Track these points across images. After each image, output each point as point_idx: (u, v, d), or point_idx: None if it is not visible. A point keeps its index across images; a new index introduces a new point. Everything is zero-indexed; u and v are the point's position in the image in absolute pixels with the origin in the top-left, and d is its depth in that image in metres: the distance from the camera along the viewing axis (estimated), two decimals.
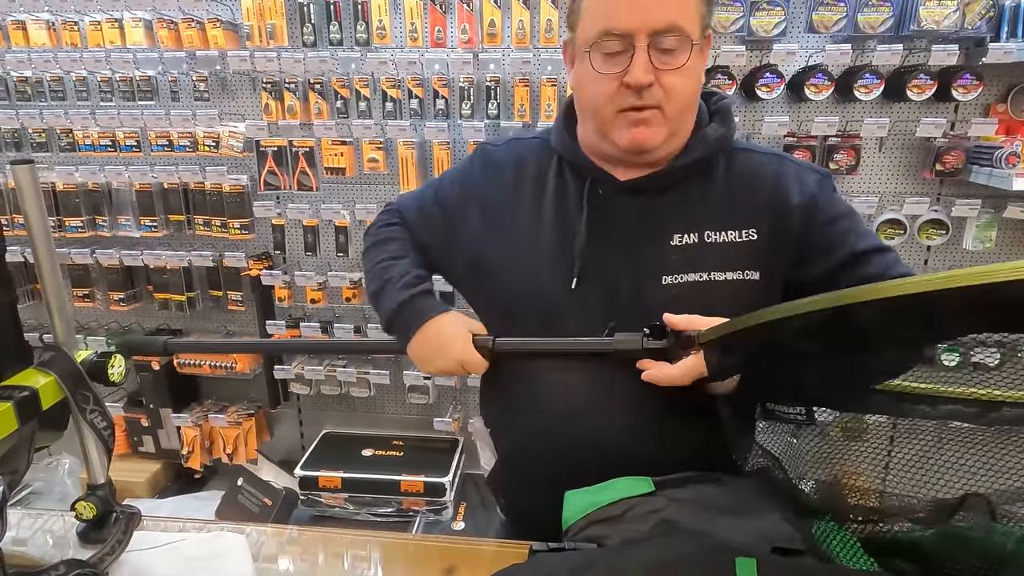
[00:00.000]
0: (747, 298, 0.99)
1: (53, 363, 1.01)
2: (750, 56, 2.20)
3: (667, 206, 1.04)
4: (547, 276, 1.06)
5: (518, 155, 1.16)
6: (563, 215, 1.08)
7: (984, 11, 2.08)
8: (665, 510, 0.91)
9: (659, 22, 0.93)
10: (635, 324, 1.01)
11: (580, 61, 1.01)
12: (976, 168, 2.22)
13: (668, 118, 0.99)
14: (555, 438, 1.08)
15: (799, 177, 1.05)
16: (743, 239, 1.02)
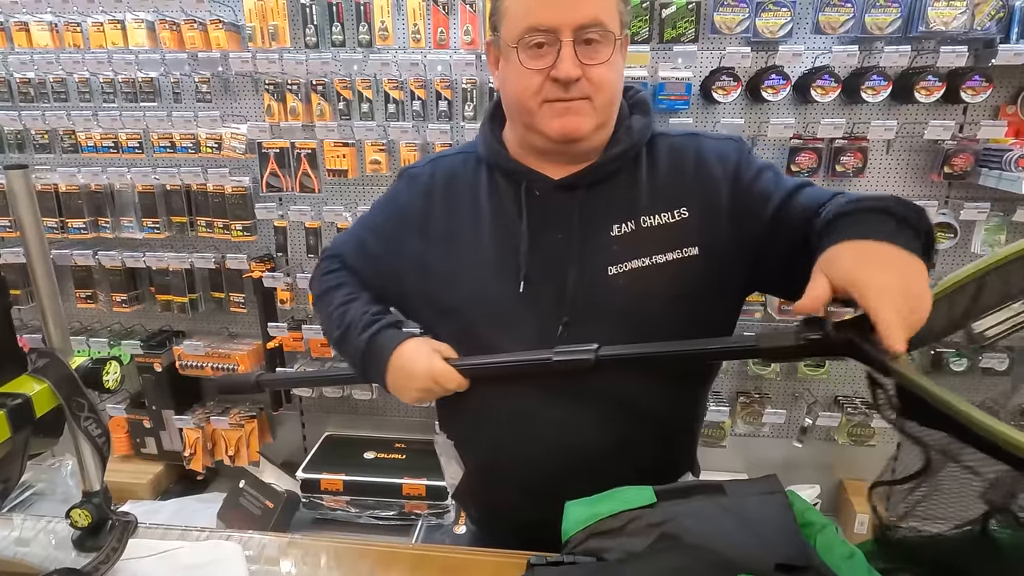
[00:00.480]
0: (689, 273, 1.04)
1: (47, 370, 1.00)
2: (755, 57, 2.18)
3: (602, 199, 1.06)
4: (494, 284, 1.07)
5: (446, 171, 1.16)
6: (502, 221, 1.09)
7: (994, 12, 2.05)
8: (667, 523, 0.90)
9: (583, 17, 0.95)
10: (587, 318, 1.04)
11: (505, 59, 1.02)
12: (985, 171, 2.19)
13: (597, 109, 1.01)
14: (524, 449, 1.10)
15: (717, 150, 1.08)
16: (676, 219, 1.05)
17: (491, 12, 1.05)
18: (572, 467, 1.07)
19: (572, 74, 0.96)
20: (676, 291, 1.04)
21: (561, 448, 1.08)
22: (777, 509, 0.94)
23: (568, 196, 1.06)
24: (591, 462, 1.07)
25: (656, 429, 1.10)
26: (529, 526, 1.13)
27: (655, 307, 1.04)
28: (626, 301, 1.04)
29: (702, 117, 2.35)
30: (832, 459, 2.69)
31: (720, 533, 0.87)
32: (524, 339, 1.06)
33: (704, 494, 0.96)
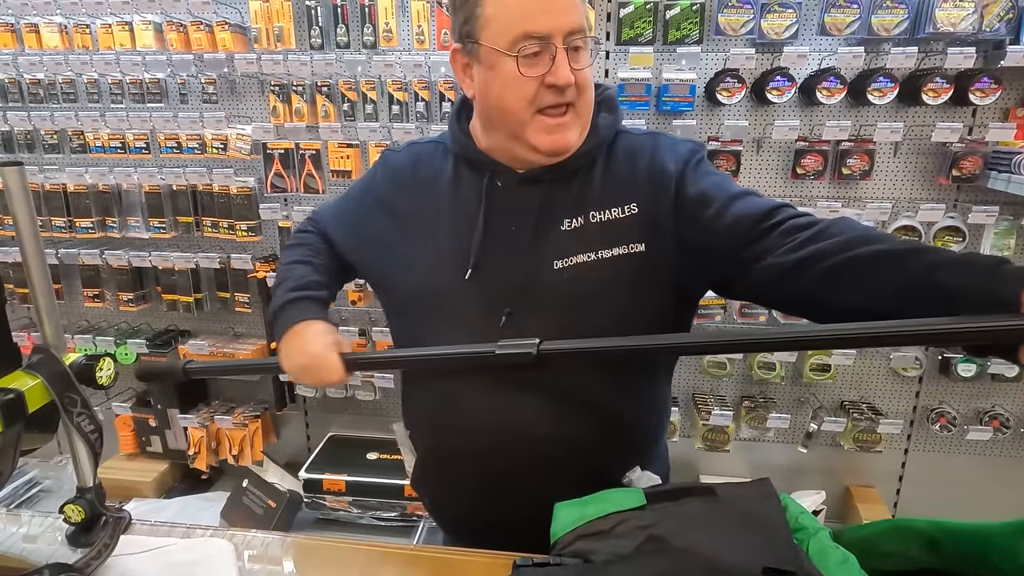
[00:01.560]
0: (634, 269, 1.05)
1: (41, 366, 1.01)
2: (760, 59, 2.16)
3: (558, 194, 1.08)
4: (444, 271, 1.10)
5: (416, 157, 1.20)
6: (461, 210, 1.11)
7: (1003, 13, 2.03)
8: (655, 526, 0.89)
9: (572, 23, 0.97)
10: (529, 310, 1.05)
11: (490, 67, 1.01)
12: (994, 174, 2.16)
13: (580, 115, 1.03)
14: (467, 438, 1.11)
15: (673, 148, 1.09)
16: (625, 214, 1.06)
17: (461, 21, 1.04)
18: (515, 457, 1.09)
19: (570, 79, 0.98)
20: (619, 286, 1.05)
21: (503, 438, 1.09)
22: (769, 513, 0.93)
23: (531, 189, 1.08)
24: (534, 452, 1.08)
25: (601, 422, 1.10)
26: (475, 517, 1.16)
27: (597, 301, 1.05)
28: (569, 294, 1.05)
29: (706, 119, 2.33)
30: (838, 465, 2.66)
31: (709, 536, 0.86)
32: (466, 327, 1.08)
33: (695, 497, 0.95)
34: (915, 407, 2.55)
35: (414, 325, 1.16)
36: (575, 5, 0.99)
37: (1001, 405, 2.48)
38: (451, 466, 1.17)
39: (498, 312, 1.07)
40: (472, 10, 1.01)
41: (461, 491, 1.19)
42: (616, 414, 1.11)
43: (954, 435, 2.47)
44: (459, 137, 1.14)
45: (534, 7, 0.97)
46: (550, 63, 0.97)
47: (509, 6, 0.98)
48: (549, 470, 1.06)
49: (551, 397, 1.07)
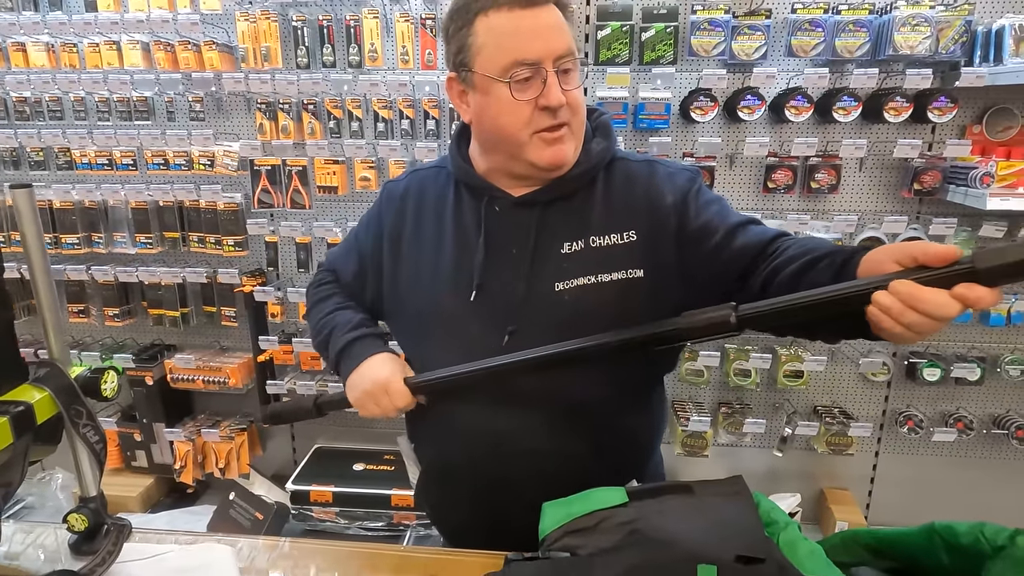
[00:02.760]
0: (633, 295, 1.09)
1: (48, 379, 1.05)
2: (731, 79, 2.26)
3: (557, 217, 1.12)
4: (448, 292, 1.14)
5: (418, 184, 1.24)
6: (462, 233, 1.16)
7: (957, 36, 2.15)
8: (636, 521, 0.95)
9: (560, 48, 1.03)
10: (532, 329, 1.09)
11: (485, 93, 1.06)
12: (953, 187, 2.28)
13: (574, 132, 1.08)
14: (469, 452, 1.16)
15: (670, 178, 1.13)
16: (624, 240, 1.10)
17: (455, 50, 1.08)
18: (513, 469, 1.13)
19: (562, 100, 1.03)
20: (619, 309, 1.09)
21: (502, 451, 1.14)
22: (741, 507, 1.00)
23: (526, 212, 1.13)
24: (531, 465, 1.12)
25: (596, 436, 1.15)
26: (476, 526, 1.20)
27: (597, 323, 1.08)
28: (570, 315, 1.09)
29: (681, 136, 2.43)
30: (812, 468, 2.75)
31: (686, 529, 0.92)
32: (471, 345, 1.12)
33: (672, 494, 1.02)
34: (884, 411, 2.66)
35: (420, 345, 1.20)
36: (562, 30, 1.05)
37: (965, 408, 2.59)
38: (453, 478, 1.21)
39: (501, 331, 1.10)
40: (464, 40, 1.06)
41: (462, 501, 1.23)
42: (611, 429, 1.16)
43: (921, 437, 2.57)
44: (459, 162, 1.18)
45: (523, 35, 1.02)
46: (542, 86, 1.02)
47: (499, 35, 1.03)
48: (547, 482, 1.08)
49: (547, 413, 1.12)
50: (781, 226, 2.37)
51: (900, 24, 2.11)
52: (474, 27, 1.04)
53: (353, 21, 2.33)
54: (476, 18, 1.04)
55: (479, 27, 1.04)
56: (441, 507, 1.31)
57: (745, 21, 2.20)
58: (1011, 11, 2.20)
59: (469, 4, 1.05)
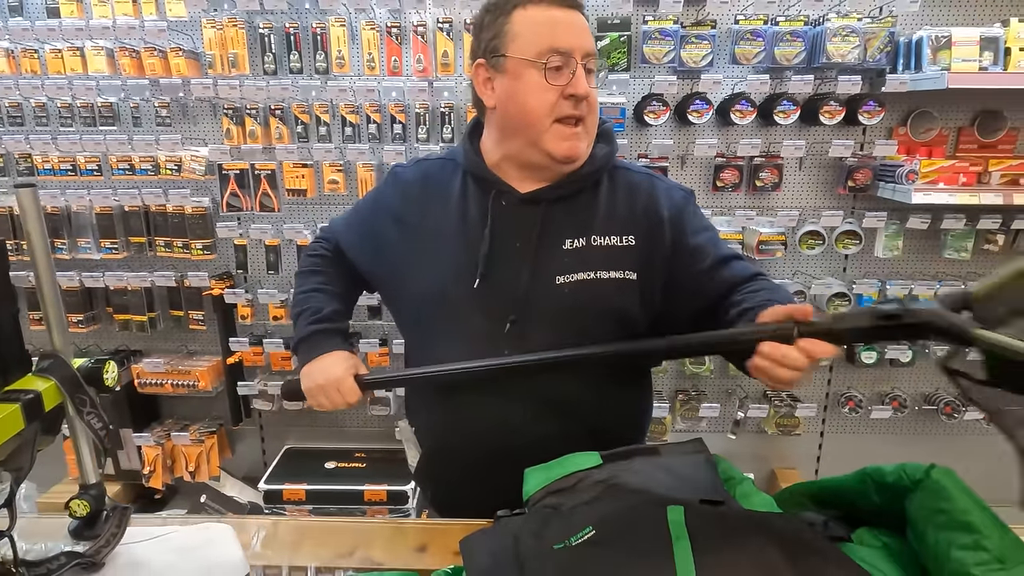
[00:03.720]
0: (626, 293, 1.19)
1: (52, 369, 1.10)
2: (681, 85, 2.42)
3: (560, 215, 1.20)
4: (452, 278, 1.20)
5: (426, 172, 1.32)
6: (468, 223, 1.22)
7: (882, 46, 2.35)
8: (611, 479, 1.06)
9: (589, 46, 1.15)
10: (532, 319, 1.17)
11: (516, 77, 1.15)
12: (882, 184, 2.49)
13: (588, 130, 1.18)
14: (467, 437, 1.24)
15: (668, 194, 1.25)
16: (623, 244, 1.20)
17: (489, 37, 1.16)
18: (508, 455, 1.18)
19: (588, 91, 1.13)
20: (613, 305, 1.19)
21: (498, 438, 1.22)
22: (702, 464, 1.13)
23: (531, 208, 1.21)
24: (525, 451, 1.17)
25: (589, 430, 1.22)
26: (477, 503, 1.24)
27: (593, 316, 1.18)
28: (569, 307, 1.17)
29: (636, 138, 2.58)
30: (764, 450, 2.93)
31: (655, 482, 1.04)
32: (474, 332, 1.20)
33: (642, 455, 1.14)
34: (827, 393, 2.85)
35: (424, 331, 1.27)
36: (590, 33, 1.16)
37: (899, 388, 2.80)
38: (452, 461, 1.29)
39: (503, 320, 1.17)
40: (501, 28, 1.15)
41: (462, 480, 1.30)
42: (608, 411, 1.25)
43: (861, 416, 2.77)
44: (470, 154, 1.25)
45: (560, 26, 1.12)
46: (570, 76, 1.11)
47: (537, 23, 1.13)
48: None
49: (547, 397, 1.20)
50: (729, 222, 2.54)
51: (832, 35, 2.30)
52: (511, 17, 1.14)
53: (319, 29, 2.40)
54: (515, 10, 1.14)
55: (516, 17, 1.14)
56: (441, 487, 1.38)
57: (692, 31, 2.36)
58: (928, 23, 2.42)
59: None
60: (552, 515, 0.98)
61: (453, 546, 0.99)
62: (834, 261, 2.70)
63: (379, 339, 2.65)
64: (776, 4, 2.33)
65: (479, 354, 1.18)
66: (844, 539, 0.94)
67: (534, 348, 1.17)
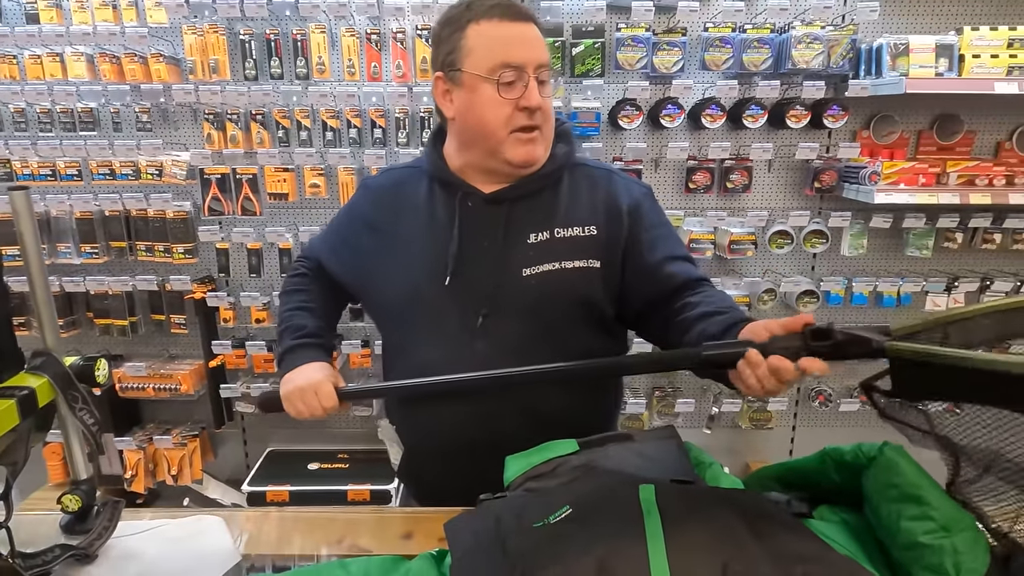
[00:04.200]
0: (591, 281, 1.25)
1: (45, 367, 1.13)
2: (653, 90, 2.50)
3: (524, 211, 1.26)
4: (424, 277, 1.26)
5: (395, 180, 1.38)
6: (437, 225, 1.28)
7: (845, 52, 2.45)
8: (587, 464, 1.12)
9: (541, 58, 1.20)
10: (503, 311, 1.23)
11: (471, 91, 1.20)
12: (847, 185, 2.59)
13: (545, 136, 1.24)
14: (446, 434, 1.29)
15: (627, 187, 1.32)
16: (586, 234, 1.26)
17: (446, 51, 1.22)
18: (487, 447, 1.22)
19: (540, 102, 1.19)
20: (579, 294, 1.24)
21: (477, 431, 1.26)
22: (673, 449, 1.19)
23: (496, 208, 1.27)
24: (504, 442, 1.21)
25: (561, 417, 1.25)
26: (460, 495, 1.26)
27: (561, 305, 1.24)
28: (537, 298, 1.22)
29: (611, 142, 2.65)
30: (738, 444, 3.01)
31: (628, 465, 1.10)
32: (448, 327, 1.25)
33: (616, 442, 1.20)
34: (798, 388, 2.95)
35: (400, 329, 1.32)
36: (543, 44, 1.21)
37: None
38: (434, 455, 1.33)
39: (475, 314, 1.23)
40: (456, 43, 1.20)
41: (444, 476, 1.34)
42: (582, 399, 1.30)
43: (831, 409, 2.87)
44: (435, 160, 1.31)
45: (512, 41, 1.17)
46: (523, 89, 1.17)
47: (489, 39, 1.18)
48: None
49: (517, 396, 1.24)
50: (701, 222, 2.62)
51: (797, 42, 2.39)
52: (466, 32, 1.19)
53: (300, 35, 2.44)
54: (468, 25, 1.19)
55: (471, 32, 1.19)
56: (423, 483, 1.43)
57: (664, 38, 2.44)
58: (887, 31, 2.53)
59: (462, 13, 1.20)
60: (531, 497, 1.03)
61: (438, 532, 1.03)
62: (802, 260, 2.80)
63: (361, 340, 2.68)
64: (743, 12, 2.42)
65: (453, 350, 1.24)
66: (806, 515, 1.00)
67: (506, 338, 1.23)
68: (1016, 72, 2.35)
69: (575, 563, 0.78)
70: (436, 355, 1.25)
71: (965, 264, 2.80)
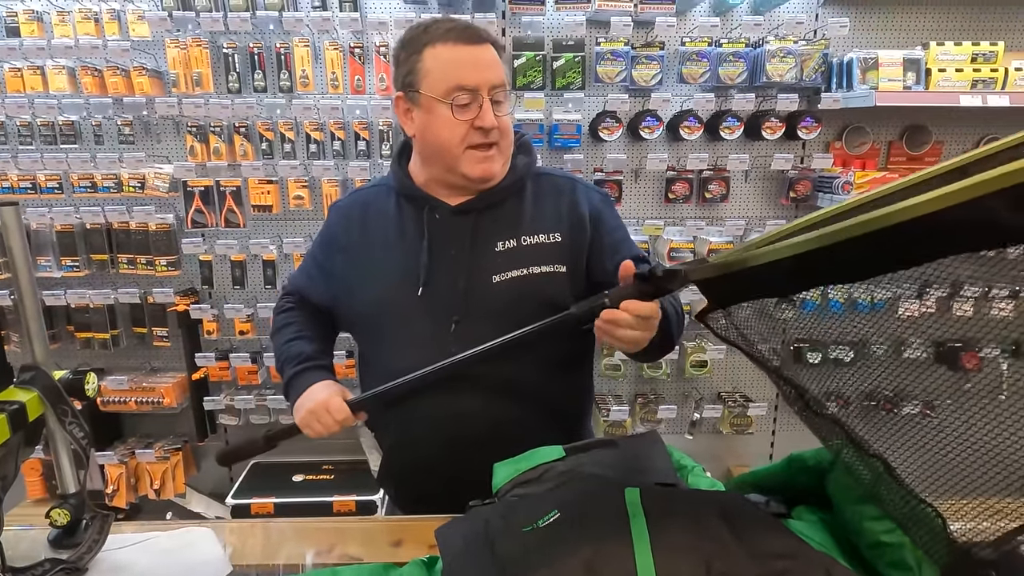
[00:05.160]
0: (558, 286, 1.29)
1: (35, 381, 1.14)
2: (633, 102, 2.56)
3: (490, 221, 1.31)
4: (396, 289, 1.30)
5: (363, 199, 1.42)
6: (407, 238, 1.32)
7: (817, 66, 2.53)
8: (573, 469, 1.15)
9: (495, 79, 1.24)
10: (474, 317, 1.26)
11: (428, 111, 1.25)
12: (822, 195, 2.66)
13: (502, 152, 1.29)
14: (423, 431, 1.31)
15: (587, 194, 1.37)
16: (551, 240, 1.31)
17: (404, 72, 1.26)
18: (464, 443, 1.28)
19: (494, 123, 1.23)
20: (548, 297, 1.28)
21: (453, 427, 1.29)
22: (657, 454, 1.22)
23: (463, 219, 1.31)
24: (481, 442, 1.25)
25: (536, 411, 1.31)
26: (440, 496, 1.28)
27: (530, 309, 1.25)
28: (507, 303, 1.26)
29: (591, 153, 2.70)
30: (720, 450, 3.06)
31: (613, 470, 1.13)
32: (422, 336, 1.29)
33: (601, 447, 1.23)
34: (777, 392, 3.00)
35: (375, 339, 1.35)
36: (498, 65, 1.26)
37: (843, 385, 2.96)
38: (412, 455, 1.35)
39: (447, 321, 1.27)
40: (413, 65, 1.24)
41: (423, 476, 1.36)
42: (547, 402, 1.34)
43: None
44: (400, 176, 1.36)
45: (465, 65, 1.21)
46: (478, 110, 1.22)
47: (444, 63, 1.22)
48: (501, 445, 1.21)
49: (495, 388, 1.28)
50: (681, 231, 2.67)
51: (771, 56, 2.46)
52: (423, 55, 1.23)
53: (283, 49, 2.46)
54: (425, 48, 1.23)
55: (427, 55, 1.23)
56: (404, 483, 1.44)
57: (642, 52, 2.50)
58: (857, 46, 2.61)
59: (420, 36, 1.24)
60: (519, 502, 1.06)
61: (428, 539, 1.05)
62: None
63: (346, 351, 2.69)
64: (719, 28, 2.49)
65: (428, 356, 1.25)
66: (784, 515, 1.04)
67: (479, 342, 1.24)
68: (980, 86, 2.44)
69: (563, 565, 0.81)
70: (412, 362, 1.27)
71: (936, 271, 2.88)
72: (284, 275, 2.67)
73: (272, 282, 2.66)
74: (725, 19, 2.57)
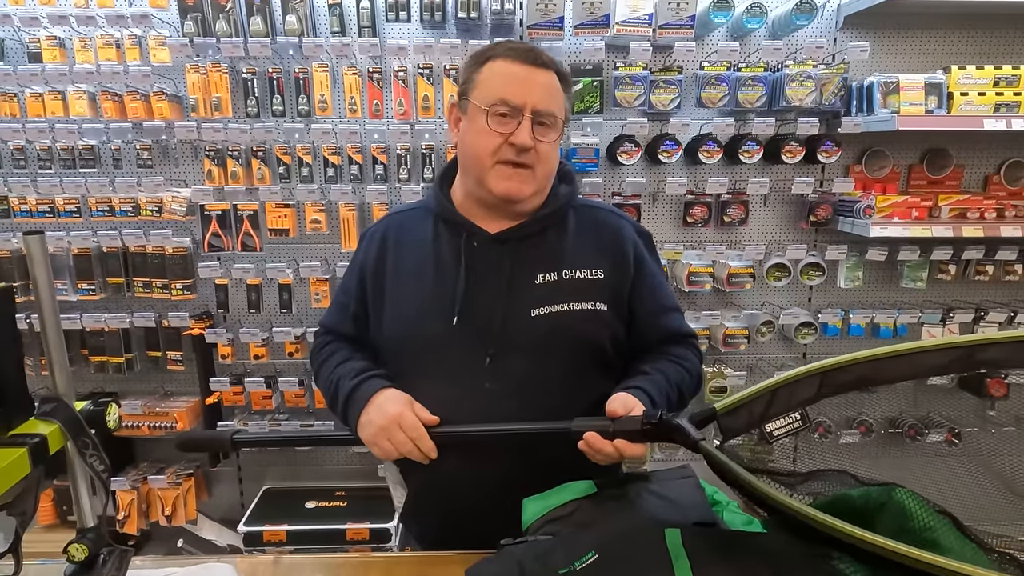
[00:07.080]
0: (599, 323, 1.27)
1: (56, 413, 1.11)
2: (651, 126, 2.54)
3: (530, 251, 1.28)
4: (430, 318, 1.26)
5: (398, 222, 1.39)
6: (443, 265, 1.28)
7: (836, 90, 2.51)
8: (607, 504, 1.12)
9: (543, 105, 1.21)
10: (510, 351, 1.24)
11: (470, 120, 1.24)
12: (842, 219, 2.63)
13: (537, 178, 1.25)
14: (453, 473, 1.25)
15: (631, 235, 1.35)
16: (593, 276, 1.28)
17: (463, 80, 1.27)
18: (492, 491, 1.23)
19: (527, 142, 1.20)
20: (586, 336, 1.26)
21: (488, 473, 1.25)
22: (691, 490, 1.19)
23: (501, 247, 1.28)
24: (508, 488, 1.19)
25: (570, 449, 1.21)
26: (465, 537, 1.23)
27: (569, 345, 1.24)
28: (544, 337, 1.23)
29: (610, 177, 2.69)
30: None
31: (649, 505, 1.10)
32: (454, 367, 1.25)
33: (634, 482, 1.19)
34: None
35: (406, 366, 1.29)
36: (553, 91, 1.23)
37: (866, 412, 2.91)
38: (440, 495, 1.30)
39: (482, 353, 1.23)
40: (472, 75, 1.25)
41: (450, 517, 1.31)
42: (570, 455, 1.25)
43: (831, 441, 2.87)
44: (440, 200, 1.33)
45: (516, 81, 1.20)
46: (516, 126, 1.20)
47: (497, 75, 1.22)
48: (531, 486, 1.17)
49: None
50: (700, 256, 2.64)
51: (790, 80, 2.45)
52: (482, 68, 1.24)
53: (302, 74, 2.47)
54: (487, 61, 1.24)
55: (485, 68, 1.23)
56: (430, 522, 1.39)
57: (661, 76, 2.49)
58: (878, 70, 2.60)
59: (486, 50, 1.26)
60: (554, 541, 1.02)
61: None
62: (800, 292, 2.83)
63: None
64: (738, 52, 2.48)
65: (460, 388, 1.23)
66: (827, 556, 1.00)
67: (513, 378, 1.23)
68: (1003, 109, 2.42)
69: None
70: (442, 394, 1.24)
71: (959, 295, 2.84)
72: (299, 300, 2.66)
73: (288, 306, 2.64)
74: (744, 44, 2.57)
